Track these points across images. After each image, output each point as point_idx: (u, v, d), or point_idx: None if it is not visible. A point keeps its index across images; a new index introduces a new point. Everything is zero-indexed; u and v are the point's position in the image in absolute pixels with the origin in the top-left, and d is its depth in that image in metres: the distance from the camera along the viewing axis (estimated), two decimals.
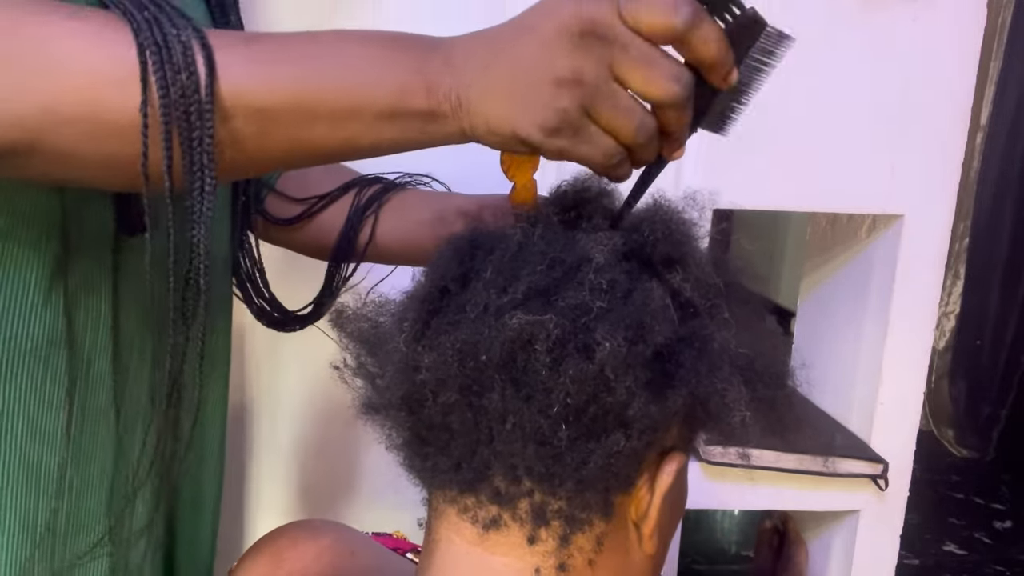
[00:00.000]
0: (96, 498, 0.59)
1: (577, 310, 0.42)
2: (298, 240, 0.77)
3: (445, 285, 0.46)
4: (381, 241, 0.73)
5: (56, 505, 0.57)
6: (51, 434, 0.56)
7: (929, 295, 1.11)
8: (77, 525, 0.58)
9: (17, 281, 0.53)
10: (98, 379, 0.58)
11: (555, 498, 0.45)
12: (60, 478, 0.56)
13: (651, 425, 0.44)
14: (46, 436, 0.56)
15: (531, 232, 0.47)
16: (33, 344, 0.54)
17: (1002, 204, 2.77)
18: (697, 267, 0.47)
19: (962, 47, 1.04)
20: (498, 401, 0.43)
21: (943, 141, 1.06)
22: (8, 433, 0.54)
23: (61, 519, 0.57)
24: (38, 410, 0.55)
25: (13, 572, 0.55)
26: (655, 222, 0.47)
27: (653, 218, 0.48)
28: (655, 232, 0.47)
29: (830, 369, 1.23)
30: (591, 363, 0.42)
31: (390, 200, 0.74)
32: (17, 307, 0.53)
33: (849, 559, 1.19)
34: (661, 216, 0.48)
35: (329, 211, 0.75)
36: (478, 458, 0.45)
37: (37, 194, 0.52)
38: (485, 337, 0.42)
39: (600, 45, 0.42)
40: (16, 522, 0.55)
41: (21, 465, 0.55)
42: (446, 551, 0.48)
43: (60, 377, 0.56)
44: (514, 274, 0.44)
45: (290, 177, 0.77)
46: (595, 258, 0.45)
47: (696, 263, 0.47)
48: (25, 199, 0.52)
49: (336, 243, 0.74)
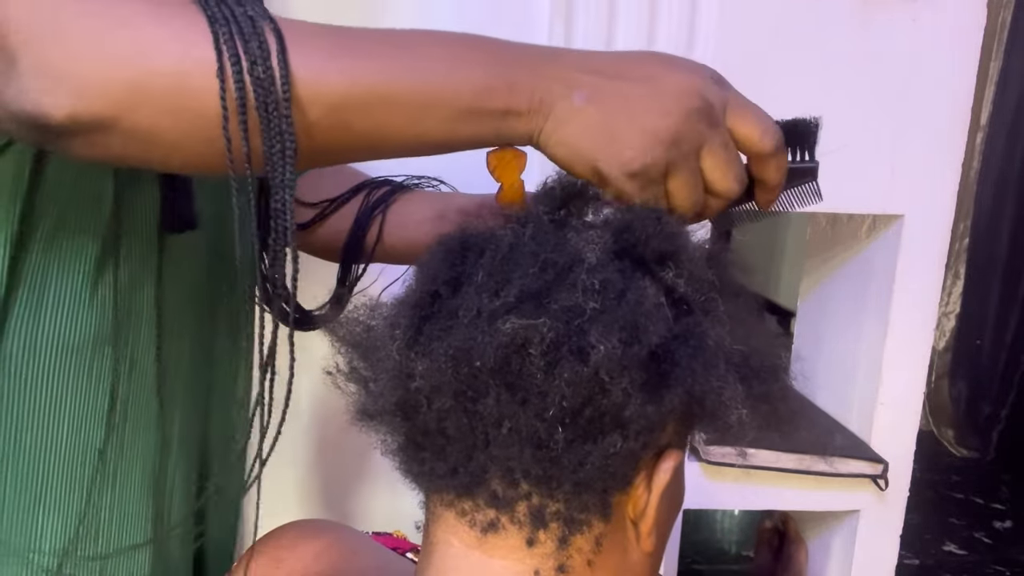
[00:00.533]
0: (139, 487, 0.61)
1: (570, 312, 0.42)
2: (309, 242, 0.78)
3: (436, 289, 0.46)
4: (388, 241, 0.74)
5: (98, 492, 0.58)
6: (96, 425, 0.58)
7: (929, 295, 1.11)
8: (121, 513, 0.60)
9: (65, 275, 0.55)
10: (141, 374, 0.60)
11: (553, 500, 0.45)
12: (102, 466, 0.58)
13: (647, 426, 0.44)
14: (91, 427, 0.57)
15: (521, 232, 0.47)
16: (80, 339, 0.56)
17: (1002, 204, 2.78)
18: (690, 262, 0.47)
19: (962, 47, 1.04)
20: (493, 406, 0.43)
21: (943, 141, 1.06)
22: (54, 425, 0.56)
23: (104, 507, 0.59)
24: (83, 402, 0.57)
25: (56, 553, 0.57)
26: (645, 219, 0.47)
27: (643, 215, 0.47)
28: (646, 229, 0.46)
29: (830, 369, 1.23)
30: (586, 366, 0.41)
31: (396, 200, 0.75)
32: (65, 301, 0.55)
33: (849, 559, 1.19)
34: (651, 213, 0.48)
35: (340, 213, 0.76)
36: (474, 462, 0.45)
37: (89, 187, 0.54)
38: (478, 343, 0.42)
39: (704, 126, 0.48)
40: (58, 507, 0.57)
41: (66, 454, 0.57)
42: (444, 554, 0.48)
43: (105, 371, 0.57)
44: (506, 277, 0.44)
45: (303, 181, 0.78)
46: (587, 258, 0.45)
47: (689, 258, 0.47)
48: (77, 193, 0.53)
49: (345, 243, 0.75)
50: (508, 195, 0.51)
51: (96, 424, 0.58)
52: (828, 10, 1.01)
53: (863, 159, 1.05)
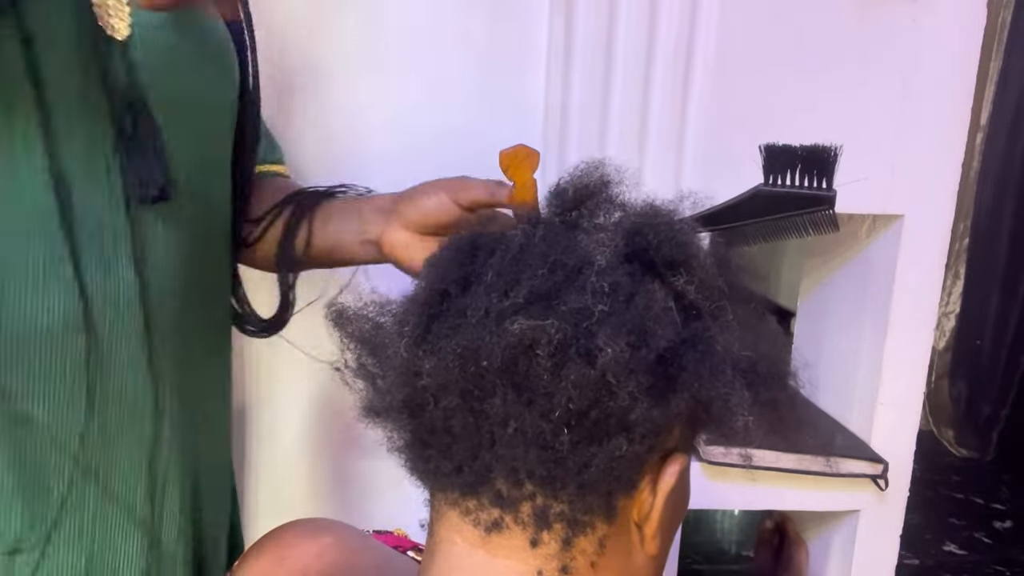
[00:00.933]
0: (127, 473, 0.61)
1: (579, 314, 0.42)
2: (252, 259, 0.80)
3: (446, 288, 0.46)
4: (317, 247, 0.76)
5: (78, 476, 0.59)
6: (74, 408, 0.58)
7: (929, 295, 1.11)
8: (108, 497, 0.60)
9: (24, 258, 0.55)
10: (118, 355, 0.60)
11: (557, 501, 0.45)
12: (82, 449, 0.58)
13: (653, 429, 0.44)
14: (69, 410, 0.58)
15: (532, 233, 0.47)
16: (49, 319, 0.56)
17: (1002, 204, 2.77)
18: (701, 269, 0.47)
19: (962, 47, 1.04)
20: (500, 406, 0.43)
21: (943, 141, 1.06)
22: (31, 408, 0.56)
23: (89, 491, 0.59)
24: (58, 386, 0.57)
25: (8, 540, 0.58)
26: (657, 224, 0.47)
27: (655, 220, 0.47)
28: (658, 234, 0.46)
29: (830, 369, 1.23)
30: (593, 368, 0.41)
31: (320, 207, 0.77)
32: (27, 283, 0.55)
33: (849, 559, 1.19)
34: (663, 218, 0.48)
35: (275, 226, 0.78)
36: (480, 462, 0.45)
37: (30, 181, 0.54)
38: (486, 342, 0.42)
39: None
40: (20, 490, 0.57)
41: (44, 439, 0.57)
42: (448, 552, 0.48)
43: (78, 351, 0.57)
44: (515, 277, 0.44)
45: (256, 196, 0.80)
46: (597, 261, 0.44)
47: (700, 265, 0.47)
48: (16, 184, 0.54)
49: (276, 254, 0.77)
50: (520, 194, 0.51)
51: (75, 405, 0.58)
52: (828, 10, 1.01)
53: (863, 159, 1.05)
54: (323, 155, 1.02)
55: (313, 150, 1.02)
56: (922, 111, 1.04)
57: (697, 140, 1.03)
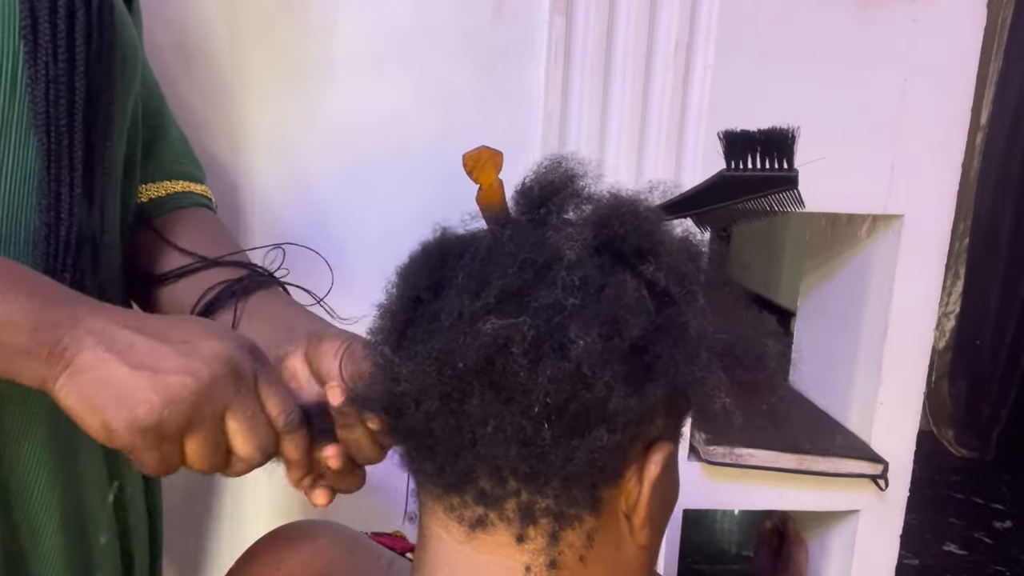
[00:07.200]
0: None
1: (551, 309, 0.43)
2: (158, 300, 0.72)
3: (418, 295, 0.46)
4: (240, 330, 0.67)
5: None
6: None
7: (929, 295, 1.11)
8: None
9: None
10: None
11: (542, 496, 0.45)
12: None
13: (633, 418, 0.44)
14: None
15: (500, 234, 0.47)
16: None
17: (1002, 204, 2.77)
18: (670, 255, 0.47)
19: (962, 47, 1.04)
20: (478, 406, 0.43)
21: (943, 141, 1.06)
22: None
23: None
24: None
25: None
26: (623, 214, 0.47)
27: (621, 210, 0.47)
28: (624, 224, 0.47)
29: (830, 369, 1.23)
30: (567, 361, 0.42)
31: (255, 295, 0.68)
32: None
33: (849, 559, 1.19)
34: (629, 207, 0.48)
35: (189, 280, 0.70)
36: (462, 461, 0.45)
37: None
38: (461, 344, 0.42)
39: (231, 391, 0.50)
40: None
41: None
42: (437, 547, 0.48)
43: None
44: (485, 278, 0.44)
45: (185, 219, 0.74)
46: (566, 255, 0.45)
47: (668, 251, 0.47)
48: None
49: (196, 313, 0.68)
50: (487, 196, 0.51)
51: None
52: (828, 10, 1.01)
53: (863, 159, 1.05)
54: (323, 155, 1.02)
55: (312, 150, 1.02)
56: (922, 111, 1.04)
57: (697, 140, 1.03)
